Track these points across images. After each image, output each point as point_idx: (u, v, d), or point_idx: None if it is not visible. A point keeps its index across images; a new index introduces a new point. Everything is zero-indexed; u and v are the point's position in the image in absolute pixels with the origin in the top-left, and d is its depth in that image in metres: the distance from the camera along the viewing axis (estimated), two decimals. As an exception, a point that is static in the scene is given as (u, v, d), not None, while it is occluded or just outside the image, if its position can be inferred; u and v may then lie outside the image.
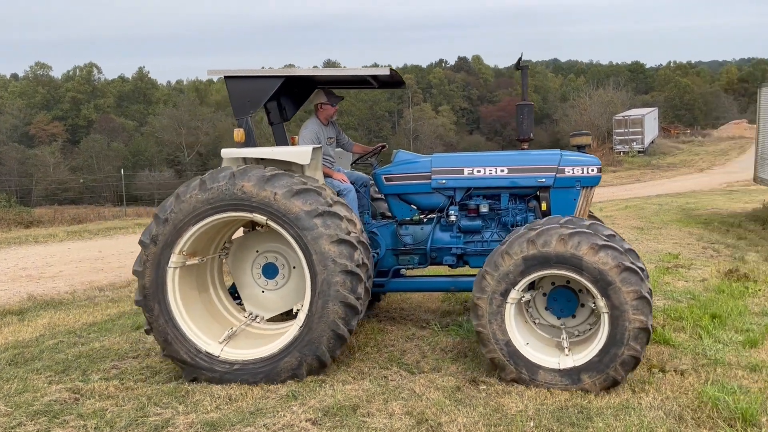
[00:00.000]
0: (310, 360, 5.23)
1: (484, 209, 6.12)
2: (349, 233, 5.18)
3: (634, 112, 52.59)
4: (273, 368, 5.27)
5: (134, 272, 5.46)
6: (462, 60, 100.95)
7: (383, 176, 6.33)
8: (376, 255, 6.09)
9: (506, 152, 6.42)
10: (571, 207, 5.94)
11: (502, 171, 6.02)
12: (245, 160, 5.62)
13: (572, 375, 4.96)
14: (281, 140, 6.43)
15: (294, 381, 5.26)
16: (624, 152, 48.00)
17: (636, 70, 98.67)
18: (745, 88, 78.97)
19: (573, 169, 5.92)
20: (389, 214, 6.63)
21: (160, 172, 54.30)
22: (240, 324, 5.82)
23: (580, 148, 6.20)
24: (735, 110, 75.26)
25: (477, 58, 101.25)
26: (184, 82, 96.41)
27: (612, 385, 4.90)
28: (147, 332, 5.51)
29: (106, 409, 4.89)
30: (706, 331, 6.25)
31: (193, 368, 5.36)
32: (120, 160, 56.97)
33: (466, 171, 6.09)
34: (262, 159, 5.55)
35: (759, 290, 7.90)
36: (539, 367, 5.02)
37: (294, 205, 5.10)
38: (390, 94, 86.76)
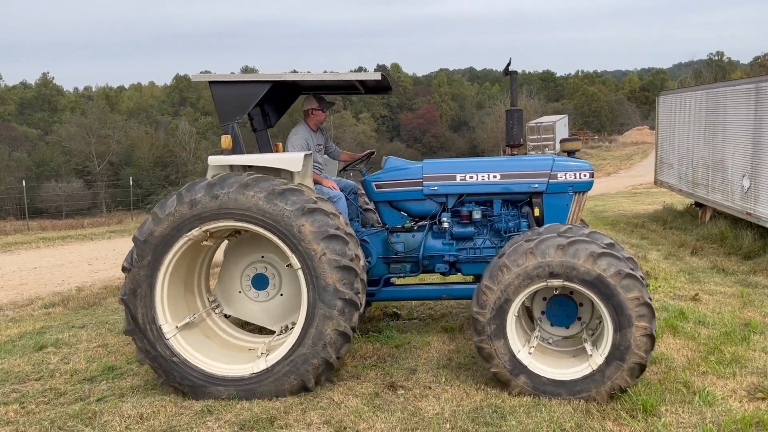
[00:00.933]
0: (317, 362, 5.07)
1: (476, 216, 6.02)
2: (337, 228, 5.05)
3: (546, 119, 54.70)
4: (252, 390, 5.10)
5: (120, 300, 5.24)
6: (381, 68, 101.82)
7: (373, 183, 6.18)
8: (367, 264, 5.91)
9: (499, 158, 6.28)
10: (564, 213, 5.90)
11: (495, 177, 5.92)
12: (231, 167, 5.46)
13: (559, 385, 4.88)
14: (265, 147, 6.28)
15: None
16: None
17: (547, 78, 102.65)
18: (646, 96, 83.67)
19: (566, 175, 5.87)
20: (377, 224, 6.54)
21: (68, 182, 51.59)
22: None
23: (570, 153, 6.17)
24: (638, 117, 79.58)
25: (396, 66, 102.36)
26: (93, 89, 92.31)
27: (620, 391, 4.79)
28: (126, 333, 5.27)
29: (5, 437, 4.60)
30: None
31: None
32: (23, 171, 53.71)
33: (459, 177, 5.97)
34: (251, 166, 5.40)
35: (659, 287, 8.37)
36: (525, 368, 4.91)
37: (276, 206, 4.95)
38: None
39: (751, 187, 10.90)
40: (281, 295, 5.83)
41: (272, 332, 5.94)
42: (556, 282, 4.81)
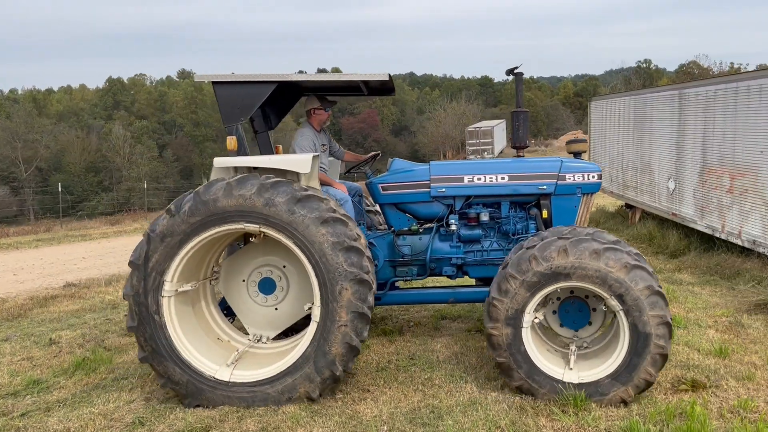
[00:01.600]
0: (326, 374, 4.96)
1: (484, 218, 5.95)
2: (355, 239, 4.94)
3: (485, 124, 55.77)
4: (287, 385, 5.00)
5: (130, 263, 5.05)
6: (321, 72, 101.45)
7: (380, 185, 6.06)
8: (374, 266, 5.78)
9: (506, 159, 6.22)
10: (572, 214, 5.87)
11: (503, 178, 5.85)
12: (236, 169, 5.30)
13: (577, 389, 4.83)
14: (266, 149, 6.11)
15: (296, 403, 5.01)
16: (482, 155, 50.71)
17: (485, 84, 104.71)
18: (579, 102, 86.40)
19: (574, 176, 5.82)
20: (380, 226, 6.41)
21: (-7, 189, 49.26)
22: (244, 347, 5.49)
23: (576, 155, 6.13)
24: (572, 122, 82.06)
25: (337, 70, 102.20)
26: (19, 91, 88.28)
27: (646, 387, 4.80)
28: (130, 329, 5.07)
29: None
30: (545, 326, 6.73)
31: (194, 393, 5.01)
32: (-57, 177, 50.96)
33: (467, 178, 5.88)
34: (258, 168, 5.24)
35: (591, 286, 8.62)
36: (543, 374, 4.87)
37: (298, 214, 4.84)
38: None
39: (676, 189, 11.42)
40: (276, 309, 5.65)
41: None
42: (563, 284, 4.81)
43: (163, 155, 70.28)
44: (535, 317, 5.00)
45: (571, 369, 4.91)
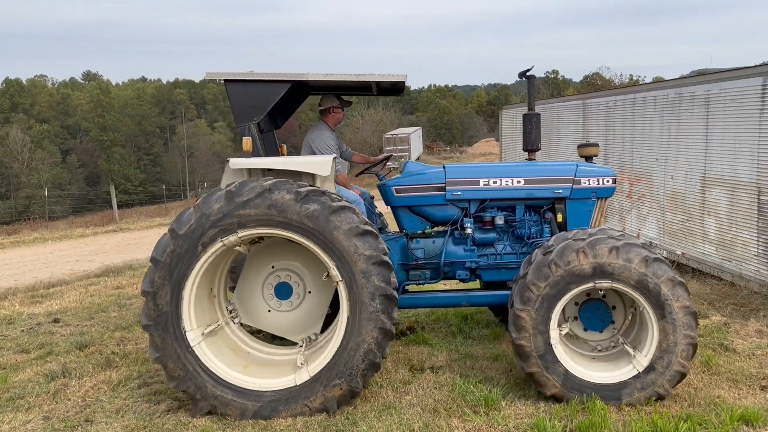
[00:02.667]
0: (345, 389, 4.78)
1: (499, 221, 5.87)
2: (386, 253, 4.77)
3: (402, 131, 56.55)
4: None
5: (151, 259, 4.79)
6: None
7: (393, 187, 5.91)
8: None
9: (521, 163, 6.14)
10: (587, 218, 5.84)
11: (519, 182, 5.79)
12: (250, 171, 5.03)
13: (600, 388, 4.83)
14: (272, 149, 5.84)
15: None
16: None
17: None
18: (492, 110, 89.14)
19: (589, 180, 5.80)
20: (385, 228, 6.26)
21: None
22: (300, 352, 5.20)
23: (588, 159, 6.10)
24: (485, 129, 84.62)
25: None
26: None
27: (657, 398, 4.82)
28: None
29: None
30: (459, 330, 6.88)
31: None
32: None
33: (482, 182, 5.81)
34: (274, 170, 4.98)
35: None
36: (566, 370, 4.83)
37: (331, 223, 4.65)
38: (161, 109, 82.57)
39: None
40: (305, 305, 5.43)
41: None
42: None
43: (67, 161, 66.84)
44: (561, 330, 4.99)
45: (636, 357, 4.87)
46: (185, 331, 4.76)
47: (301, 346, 5.33)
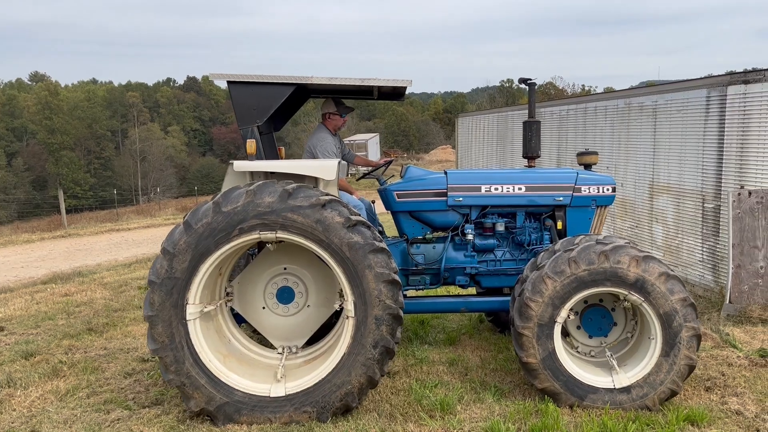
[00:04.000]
0: (312, 417, 4.70)
1: (499, 228, 5.89)
2: (396, 272, 4.69)
3: (359, 137, 56.70)
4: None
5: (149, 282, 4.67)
6: (191, 80, 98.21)
7: (395, 192, 5.88)
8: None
9: (523, 170, 6.14)
10: (586, 226, 5.89)
11: (520, 189, 5.81)
12: (252, 174, 4.90)
13: (612, 394, 4.85)
14: (271, 152, 5.71)
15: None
16: (351, 174, 51.27)
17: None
18: (448, 118, 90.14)
19: (589, 188, 5.84)
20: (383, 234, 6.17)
21: None
22: (279, 360, 5.16)
23: (587, 167, 6.15)
24: (442, 137, 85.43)
25: (207, 79, 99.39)
26: None
27: (671, 396, 4.86)
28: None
29: None
30: (415, 335, 6.92)
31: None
32: None
33: (484, 188, 5.81)
34: (278, 173, 4.86)
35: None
36: (577, 380, 4.85)
37: (368, 261, 4.57)
38: (112, 112, 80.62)
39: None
40: (299, 316, 5.34)
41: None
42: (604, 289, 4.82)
43: (13, 164, 64.57)
44: (565, 348, 4.99)
45: (618, 374, 4.91)
46: (187, 303, 4.66)
47: (280, 354, 5.30)
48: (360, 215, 4.80)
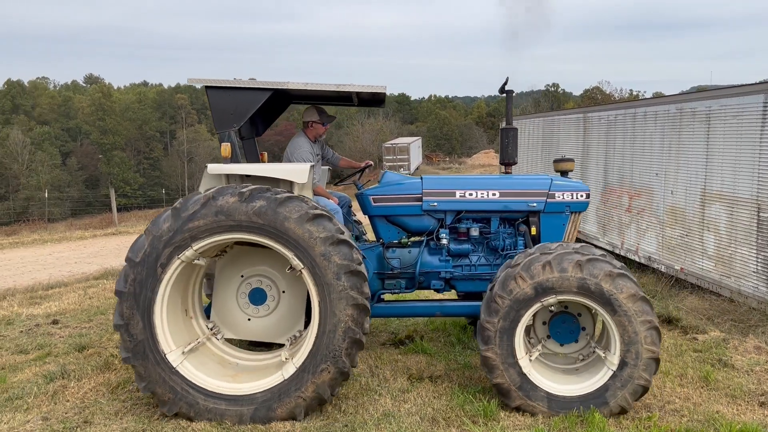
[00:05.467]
0: (333, 371, 4.78)
1: (474, 233, 5.96)
2: (360, 264, 4.81)
3: (401, 141, 56.75)
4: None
5: (117, 294, 4.84)
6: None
7: (371, 197, 6.00)
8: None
9: (497, 176, 6.21)
10: (560, 232, 5.93)
11: (494, 194, 5.89)
12: (228, 177, 5.06)
13: (560, 402, 4.89)
14: (252, 156, 5.89)
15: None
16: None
17: (402, 101, 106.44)
18: (492, 122, 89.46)
19: (563, 195, 5.90)
20: (363, 236, 6.32)
21: None
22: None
23: (563, 173, 6.22)
24: (485, 141, 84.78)
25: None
26: None
27: (620, 411, 4.83)
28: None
29: None
30: (457, 339, 6.88)
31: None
32: None
33: (458, 193, 5.90)
34: (252, 176, 5.03)
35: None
36: (530, 382, 4.90)
37: (306, 230, 4.67)
38: (162, 114, 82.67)
39: (580, 207, 12.01)
40: (282, 305, 5.48)
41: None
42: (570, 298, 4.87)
43: (67, 163, 66.81)
44: (531, 356, 5.04)
45: (582, 382, 4.95)
46: (164, 354, 4.79)
47: (290, 346, 5.38)
48: (326, 211, 4.93)
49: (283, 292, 5.45)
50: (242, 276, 5.44)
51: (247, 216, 4.69)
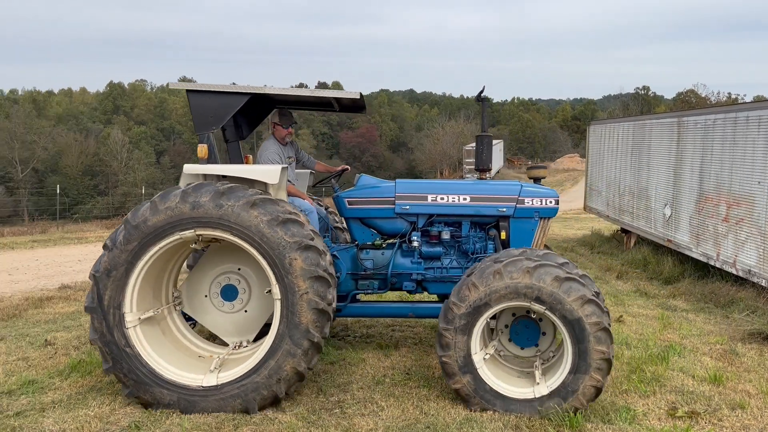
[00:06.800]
0: (266, 394, 5.01)
1: (445, 236, 6.12)
2: (326, 270, 5.04)
3: (482, 144, 56.14)
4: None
5: (92, 276, 5.05)
6: (322, 85, 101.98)
7: (346, 199, 6.21)
8: (336, 278, 5.88)
9: (468, 181, 6.39)
10: (529, 237, 6.06)
11: (465, 199, 6.04)
12: (206, 176, 5.37)
13: (520, 403, 4.99)
14: (236, 158, 6.21)
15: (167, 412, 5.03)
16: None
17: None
18: (577, 125, 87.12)
19: (532, 200, 6.03)
20: (346, 243, 6.56)
21: (-12, 188, 49.03)
22: (225, 353, 5.55)
23: (536, 180, 6.36)
24: (569, 145, 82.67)
25: (337, 84, 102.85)
26: (20, 92, 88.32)
27: (574, 411, 4.90)
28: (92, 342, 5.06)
29: None
30: (541, 347, 6.76)
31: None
32: (-62, 175, 50.73)
33: (430, 197, 6.06)
34: (227, 176, 5.33)
35: (586, 308, 8.67)
36: (486, 386, 5.02)
37: (277, 234, 4.91)
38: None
39: (672, 216, 11.51)
40: (245, 311, 5.73)
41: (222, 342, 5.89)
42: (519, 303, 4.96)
43: (161, 162, 70.27)
44: (486, 354, 5.13)
45: (538, 383, 5.02)
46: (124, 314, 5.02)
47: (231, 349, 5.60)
48: (298, 212, 5.08)
49: (252, 298, 5.69)
50: (226, 270, 5.70)
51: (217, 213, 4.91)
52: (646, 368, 6.11)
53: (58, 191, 31.83)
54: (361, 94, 5.77)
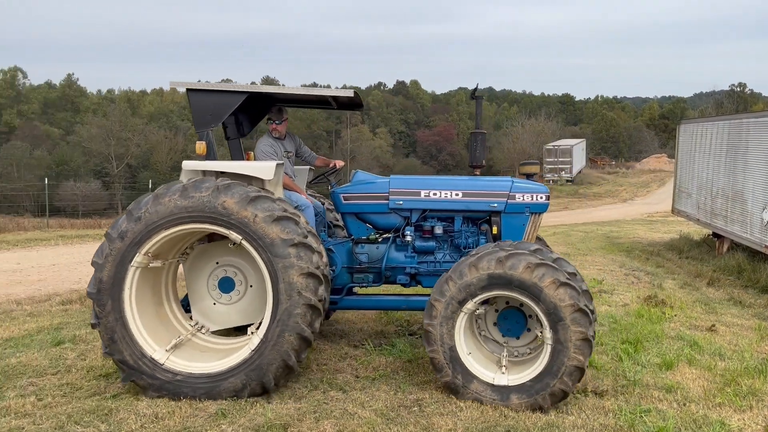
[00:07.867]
0: (254, 385, 5.19)
1: (438, 231, 6.24)
2: (318, 267, 5.20)
3: (564, 143, 54.70)
4: (216, 386, 5.20)
5: (93, 263, 5.30)
6: (400, 84, 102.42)
7: (341, 195, 6.38)
8: (331, 272, 6.12)
9: (461, 177, 6.58)
10: (520, 232, 6.15)
11: (457, 195, 6.18)
12: (204, 172, 5.59)
13: (503, 392, 5.12)
14: (237, 155, 6.45)
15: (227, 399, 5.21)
16: (554, 180, 49.75)
17: (566, 102, 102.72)
18: (665, 125, 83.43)
19: (523, 196, 6.13)
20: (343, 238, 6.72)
21: (86, 183, 52.06)
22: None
23: (528, 176, 6.46)
24: (656, 145, 79.29)
25: (415, 83, 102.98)
26: (116, 92, 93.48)
27: (537, 409, 5.04)
28: (93, 326, 5.31)
29: (23, 428, 4.67)
30: (626, 354, 6.53)
31: (133, 371, 5.23)
32: (43, 169, 54.34)
33: (423, 193, 6.21)
34: (224, 172, 5.53)
35: (675, 315, 8.33)
36: (474, 377, 5.16)
37: (272, 231, 5.08)
38: (328, 113, 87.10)
39: (771, 220, 10.82)
40: (251, 286, 5.88)
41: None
42: (515, 294, 5.10)
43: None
44: (477, 309, 5.32)
45: (503, 373, 5.18)
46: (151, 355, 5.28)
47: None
48: (294, 210, 5.21)
49: (251, 285, 5.81)
50: (217, 263, 5.84)
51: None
52: (741, 381, 5.79)
53: (150, 186, 33.49)
54: (356, 92, 5.95)
